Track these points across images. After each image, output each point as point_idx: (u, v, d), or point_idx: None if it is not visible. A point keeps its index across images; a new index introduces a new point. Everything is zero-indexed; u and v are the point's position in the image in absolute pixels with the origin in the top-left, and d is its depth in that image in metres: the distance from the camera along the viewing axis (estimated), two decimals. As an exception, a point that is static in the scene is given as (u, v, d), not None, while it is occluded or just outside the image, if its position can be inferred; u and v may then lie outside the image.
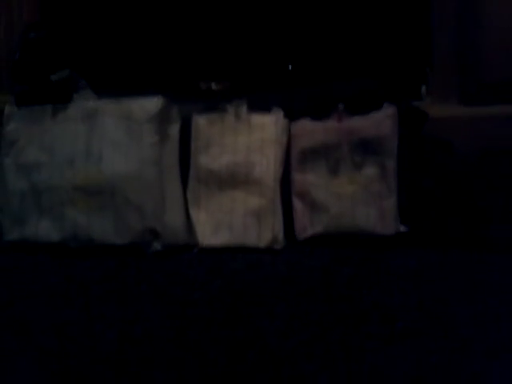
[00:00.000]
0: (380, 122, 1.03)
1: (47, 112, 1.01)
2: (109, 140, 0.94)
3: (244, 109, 1.05)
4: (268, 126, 1.04)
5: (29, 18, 1.40)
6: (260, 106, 1.07)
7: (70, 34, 1.16)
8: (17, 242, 0.99)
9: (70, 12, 1.27)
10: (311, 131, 1.06)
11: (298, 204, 1.06)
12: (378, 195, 1.01)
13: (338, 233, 1.02)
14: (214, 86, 1.16)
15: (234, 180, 1.01)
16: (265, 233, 0.98)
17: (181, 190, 0.99)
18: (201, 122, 1.05)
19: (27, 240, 0.98)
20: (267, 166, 1.01)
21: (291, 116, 1.08)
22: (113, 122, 0.95)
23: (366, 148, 1.03)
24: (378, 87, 1.15)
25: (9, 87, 1.21)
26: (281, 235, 1.01)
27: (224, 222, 1.00)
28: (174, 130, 0.98)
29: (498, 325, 0.65)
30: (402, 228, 1.01)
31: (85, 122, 0.97)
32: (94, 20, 1.19)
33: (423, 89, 1.29)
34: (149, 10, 1.23)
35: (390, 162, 1.02)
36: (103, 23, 1.15)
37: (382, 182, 1.01)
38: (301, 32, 1.31)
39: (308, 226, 1.03)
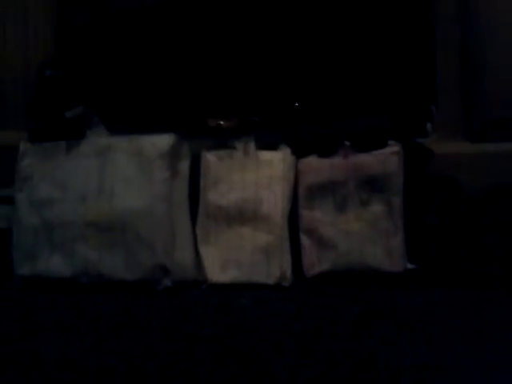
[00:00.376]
0: (386, 160, 1.05)
1: (61, 148, 1.03)
2: (121, 176, 0.96)
3: (252, 146, 1.07)
4: (276, 162, 1.06)
5: (44, 56, 1.46)
6: (268, 142, 1.10)
7: (83, 73, 1.19)
8: (28, 277, 1.00)
9: (83, 51, 1.31)
10: (318, 168, 1.08)
11: (305, 241, 1.08)
12: (384, 232, 1.03)
13: (345, 270, 1.03)
14: (222, 123, 1.19)
15: (242, 216, 1.03)
16: (273, 269, 1.00)
17: (190, 226, 1.01)
18: (210, 158, 1.08)
19: (39, 275, 0.99)
20: (275, 202, 1.03)
21: (298, 153, 1.11)
22: (125, 159, 0.97)
23: (373, 185, 1.05)
24: (384, 125, 1.17)
25: (24, 124, 1.25)
26: (289, 272, 1.02)
27: (232, 258, 1.01)
28: (184, 166, 1.01)
29: (507, 363, 0.66)
30: (409, 265, 1.02)
31: (97, 158, 0.99)
32: (107, 59, 1.23)
33: (428, 126, 1.31)
34: (160, 50, 1.27)
35: (396, 199, 1.03)
36: (116, 62, 1.18)
37: (388, 219, 1.03)
38: (307, 70, 1.34)
39: (316, 263, 1.05)
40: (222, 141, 1.10)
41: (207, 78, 1.28)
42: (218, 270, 1.01)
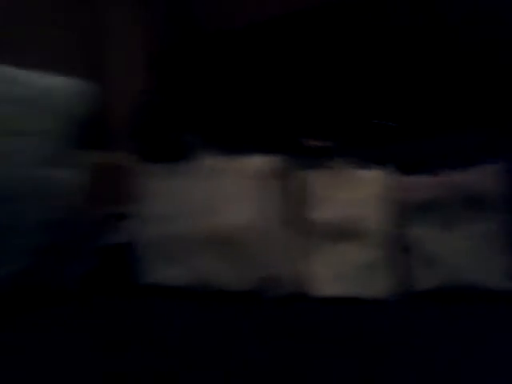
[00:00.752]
0: (490, 177, 1.05)
1: (174, 169, 1.12)
2: (229, 194, 1.04)
3: (353, 164, 1.11)
4: (377, 180, 1.09)
5: (143, 80, 1.53)
6: (368, 161, 1.12)
7: (186, 98, 1.25)
8: (150, 286, 1.08)
9: (182, 75, 1.36)
10: (420, 185, 1.09)
11: (409, 258, 1.08)
12: (489, 250, 1.02)
13: (450, 287, 1.03)
14: (321, 143, 1.23)
15: (346, 233, 1.06)
16: (378, 285, 1.02)
17: (295, 241, 1.06)
18: (312, 177, 1.11)
19: (158, 284, 1.07)
20: (378, 219, 1.06)
21: (399, 170, 1.12)
22: (231, 178, 1.05)
23: (476, 202, 1.05)
24: (487, 141, 1.15)
25: (130, 147, 1.32)
26: (394, 288, 1.03)
27: (337, 273, 1.04)
28: (286, 184, 1.07)
29: None
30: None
31: (207, 178, 1.07)
32: (207, 82, 1.27)
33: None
34: (256, 74, 1.30)
35: (500, 216, 1.03)
36: (216, 87, 1.22)
37: (493, 237, 1.02)
38: (405, 88, 1.33)
39: (420, 279, 1.05)
40: (323, 160, 1.13)
41: (307, 98, 1.32)
42: (323, 284, 1.04)
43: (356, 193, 1.07)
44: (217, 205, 1.02)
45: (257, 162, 1.03)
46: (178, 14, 1.54)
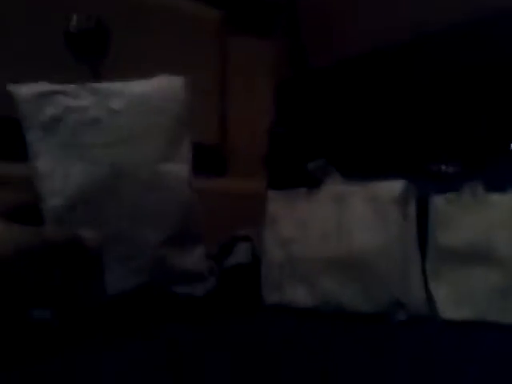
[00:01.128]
0: None
1: (301, 195, 1.17)
2: (357, 219, 1.06)
3: (480, 188, 1.09)
4: (507, 204, 1.06)
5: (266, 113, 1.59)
6: (495, 185, 1.10)
7: (310, 127, 1.30)
8: (276, 305, 1.14)
9: (304, 106, 1.41)
10: None
11: None
12: None
13: None
14: (444, 167, 1.24)
15: (474, 257, 1.05)
16: (509, 310, 0.99)
17: (421, 265, 1.07)
18: (439, 202, 1.11)
19: (285, 304, 1.12)
20: (509, 244, 1.03)
21: None
22: (360, 203, 1.07)
23: None
24: None
25: (252, 173, 1.38)
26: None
27: (465, 297, 1.03)
28: (412, 209, 1.08)
29: None
30: None
31: (335, 203, 1.10)
32: (332, 114, 1.31)
33: None
34: (379, 99, 1.33)
35: None
36: (342, 115, 1.26)
37: None
38: None
39: None
40: (449, 184, 1.13)
41: (430, 123, 1.33)
42: (450, 308, 1.03)
43: (486, 216, 1.05)
44: (345, 229, 1.05)
45: (384, 188, 1.04)
46: (295, 47, 1.60)
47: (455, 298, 1.04)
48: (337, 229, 1.07)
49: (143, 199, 0.99)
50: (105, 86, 1.01)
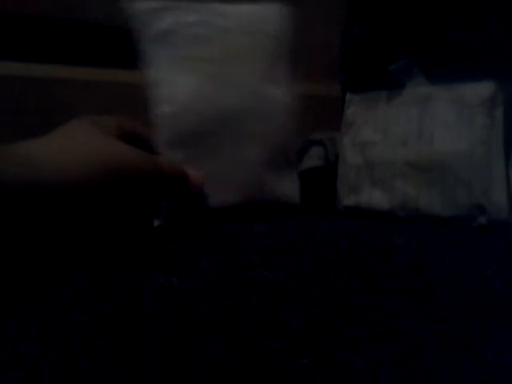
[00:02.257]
0: None
1: (382, 97, 1.15)
2: (440, 122, 1.03)
3: None
4: None
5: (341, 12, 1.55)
6: None
7: (393, 26, 1.24)
8: (351, 207, 1.16)
9: (384, 6, 1.35)
10: None
11: None
12: None
13: None
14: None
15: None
16: None
17: (505, 169, 1.02)
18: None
19: (360, 206, 1.14)
20: None
21: None
22: (444, 106, 1.04)
23: None
24: None
25: (329, 76, 1.36)
26: None
27: None
28: (500, 112, 1.02)
29: None
30: None
31: (417, 106, 1.07)
32: (414, 8, 1.25)
33: None
34: None
35: None
36: (425, 10, 1.20)
37: None
38: None
39: None
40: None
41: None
42: None
43: None
44: (426, 132, 1.02)
45: (471, 90, 1.00)
46: None
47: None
48: (418, 132, 1.05)
49: (243, 116, 1.02)
50: (214, 5, 1.04)
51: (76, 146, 0.73)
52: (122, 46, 1.40)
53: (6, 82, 1.32)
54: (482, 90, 1.01)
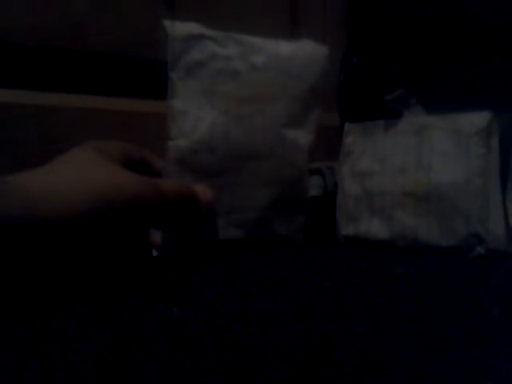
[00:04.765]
0: None
1: (379, 127, 1.15)
2: (438, 152, 1.04)
3: None
4: None
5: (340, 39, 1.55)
6: None
7: (391, 56, 1.26)
8: (350, 237, 1.15)
9: (381, 35, 1.37)
10: None
11: None
12: None
13: None
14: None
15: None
16: None
17: (502, 199, 1.03)
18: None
19: (359, 236, 1.13)
20: None
21: None
22: (441, 136, 1.05)
23: None
24: None
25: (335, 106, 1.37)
26: None
27: None
28: (496, 142, 1.03)
29: None
30: None
31: (415, 135, 1.08)
32: (412, 38, 1.27)
33: None
34: (469, 20, 1.27)
35: None
36: (423, 39, 1.22)
37: None
38: None
39: None
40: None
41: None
42: None
43: None
44: (424, 162, 1.03)
45: (468, 119, 1.00)
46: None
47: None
48: (416, 162, 1.06)
49: (261, 159, 1.02)
50: (249, 39, 1.03)
51: (75, 175, 0.73)
52: (124, 74, 1.42)
53: (5, 110, 1.33)
54: (478, 119, 1.02)
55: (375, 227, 1.11)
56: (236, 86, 1.02)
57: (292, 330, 0.63)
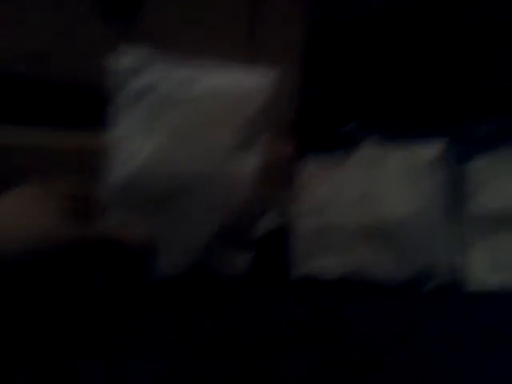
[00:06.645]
0: None
1: (335, 159, 1.12)
2: (392, 183, 1.02)
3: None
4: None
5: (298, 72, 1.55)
6: None
7: (347, 87, 1.26)
8: (306, 275, 1.07)
9: (335, 65, 1.37)
10: None
11: None
12: None
13: None
14: (483, 128, 1.19)
15: (510, 221, 1.02)
16: None
17: (457, 229, 1.02)
18: (477, 164, 1.06)
19: (315, 273, 1.07)
20: None
21: None
22: (396, 167, 1.03)
23: None
24: None
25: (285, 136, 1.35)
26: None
27: (500, 262, 1.00)
28: (450, 172, 1.03)
29: None
30: None
31: (370, 168, 1.06)
32: (366, 71, 1.27)
33: None
34: (419, 54, 1.28)
35: None
36: (376, 73, 1.22)
37: None
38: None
39: None
40: (488, 146, 1.08)
41: (467, 81, 1.28)
42: (485, 274, 1.00)
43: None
44: (379, 194, 1.01)
45: (421, 150, 1.00)
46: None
47: (490, 264, 1.00)
48: (371, 194, 1.03)
49: (205, 186, 0.98)
50: (196, 66, 0.99)
51: (4, 217, 0.72)
52: (81, 106, 1.38)
53: None
54: (431, 150, 1.01)
55: (330, 263, 1.06)
56: (181, 112, 0.98)
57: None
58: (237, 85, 1.05)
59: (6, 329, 0.71)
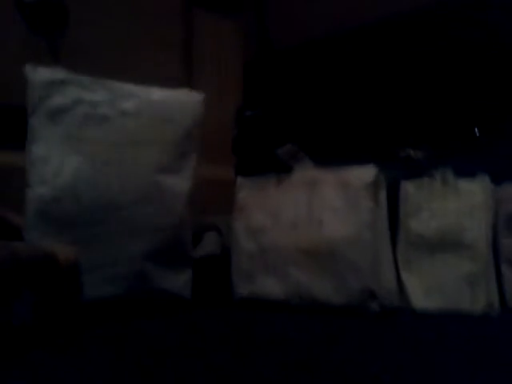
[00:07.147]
0: None
1: (271, 181, 1.14)
2: (328, 206, 1.04)
3: (450, 175, 1.10)
4: (476, 191, 1.08)
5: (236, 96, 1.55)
6: (465, 170, 1.11)
7: (280, 111, 1.27)
8: (247, 297, 1.11)
9: (274, 88, 1.38)
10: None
11: (507, 270, 1.07)
12: None
13: None
14: (413, 153, 1.23)
15: (444, 244, 1.06)
16: (479, 298, 1.01)
17: (391, 253, 1.06)
18: (409, 188, 1.12)
19: (255, 296, 1.09)
20: (478, 231, 1.05)
21: (494, 180, 1.11)
22: (331, 190, 1.05)
23: None
24: None
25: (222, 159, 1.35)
26: (496, 302, 1.03)
27: (435, 285, 1.05)
28: (383, 195, 1.06)
29: None
30: None
31: (306, 190, 1.08)
32: (301, 97, 1.28)
33: None
34: (351, 82, 1.31)
35: None
36: (311, 98, 1.24)
37: None
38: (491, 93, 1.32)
39: None
40: (418, 170, 1.13)
41: (399, 107, 1.31)
42: (421, 297, 1.04)
43: (455, 203, 1.07)
44: (315, 217, 1.03)
45: (355, 174, 1.02)
46: (260, 27, 1.56)
47: (426, 287, 1.05)
48: (307, 217, 1.05)
49: (134, 206, 0.97)
50: (120, 85, 1.00)
51: None
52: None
53: None
54: (365, 174, 1.04)
55: (270, 286, 1.08)
56: (104, 131, 0.98)
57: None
58: (165, 106, 1.05)
59: None
